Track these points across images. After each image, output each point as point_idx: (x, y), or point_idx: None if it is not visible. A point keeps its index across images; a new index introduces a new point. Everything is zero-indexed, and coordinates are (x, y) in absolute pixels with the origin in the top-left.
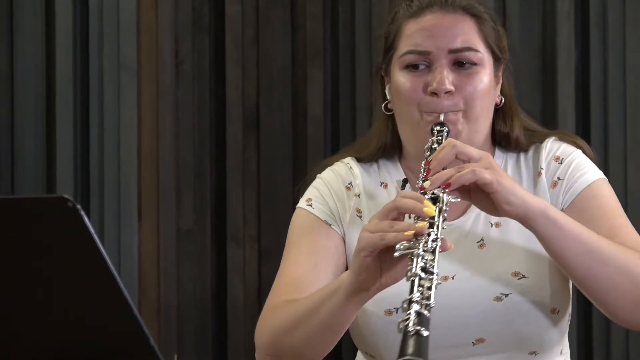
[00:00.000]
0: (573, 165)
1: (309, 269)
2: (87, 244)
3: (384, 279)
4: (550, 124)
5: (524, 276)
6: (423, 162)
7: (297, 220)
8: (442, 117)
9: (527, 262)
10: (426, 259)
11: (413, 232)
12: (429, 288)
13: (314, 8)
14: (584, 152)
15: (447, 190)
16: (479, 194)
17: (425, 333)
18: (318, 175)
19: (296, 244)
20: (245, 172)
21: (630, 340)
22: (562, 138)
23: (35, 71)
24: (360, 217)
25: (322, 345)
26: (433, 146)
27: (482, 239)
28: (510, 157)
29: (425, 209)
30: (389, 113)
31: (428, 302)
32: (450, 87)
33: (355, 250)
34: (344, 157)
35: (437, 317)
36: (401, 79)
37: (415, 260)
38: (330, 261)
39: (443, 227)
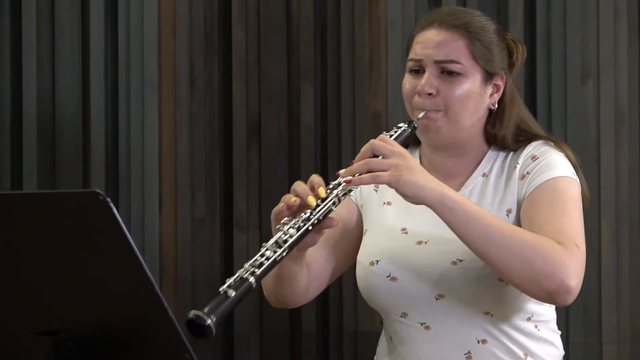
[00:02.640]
0: (544, 162)
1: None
2: (115, 230)
3: (301, 244)
4: None
5: None
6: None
7: None
8: (421, 114)
9: None
10: (287, 234)
11: (292, 204)
12: (267, 258)
13: (306, 34)
14: (566, 155)
15: (348, 184)
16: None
17: (232, 293)
18: None
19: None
20: (248, 171)
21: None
22: (548, 142)
23: (73, 86)
24: (376, 190)
25: (285, 290)
26: (381, 135)
27: None
28: (500, 156)
29: (309, 197)
30: None
31: (256, 270)
32: (430, 89)
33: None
34: None
35: (409, 274)
36: (405, 80)
37: (277, 233)
38: (343, 227)
39: (332, 209)
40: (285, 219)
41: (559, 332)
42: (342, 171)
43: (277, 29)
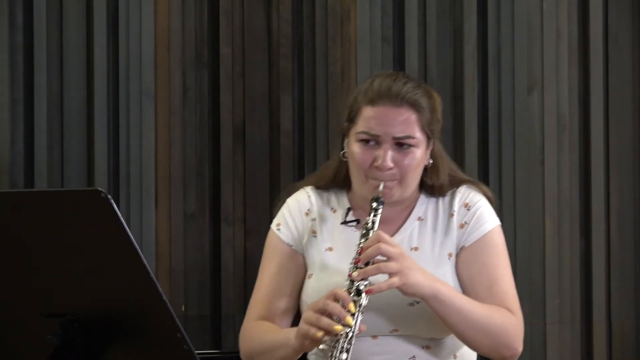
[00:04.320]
0: (477, 213)
1: (275, 288)
2: (116, 225)
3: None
4: (458, 139)
5: None
6: (357, 246)
7: (270, 240)
8: (382, 186)
9: None
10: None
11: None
12: None
13: (285, 50)
14: (487, 198)
15: (369, 293)
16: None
17: None
18: (287, 200)
19: (267, 264)
20: (234, 171)
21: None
22: (470, 186)
23: (79, 96)
24: (315, 236)
25: None
26: (367, 225)
27: None
28: (431, 201)
29: (347, 318)
30: (345, 159)
31: None
32: (391, 164)
33: (298, 329)
34: (306, 185)
35: (369, 311)
36: (356, 149)
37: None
38: (291, 279)
39: (360, 318)
40: (327, 343)
41: None
42: (354, 273)
43: (259, 45)
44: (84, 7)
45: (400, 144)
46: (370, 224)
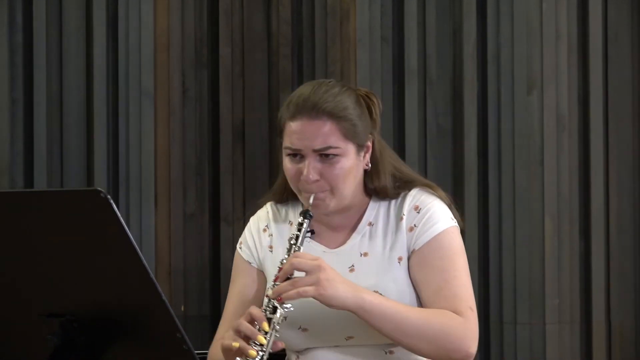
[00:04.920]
0: (427, 215)
1: (238, 307)
2: (115, 225)
3: None
4: (458, 139)
5: (379, 293)
6: (280, 262)
7: (235, 260)
8: (311, 199)
9: (382, 283)
10: None
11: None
12: None
13: (285, 50)
14: (441, 199)
15: (281, 302)
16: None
17: None
18: (250, 219)
19: (232, 284)
20: (234, 171)
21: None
22: (424, 188)
23: (79, 96)
24: (271, 251)
25: None
26: (291, 241)
27: (352, 265)
28: (383, 205)
29: (259, 337)
30: None
31: None
32: (315, 177)
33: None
34: (267, 201)
35: (319, 323)
36: (286, 163)
37: None
38: (254, 297)
39: (276, 336)
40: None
41: None
42: (269, 292)
43: (259, 45)
44: (84, 7)
45: (326, 155)
46: (294, 239)
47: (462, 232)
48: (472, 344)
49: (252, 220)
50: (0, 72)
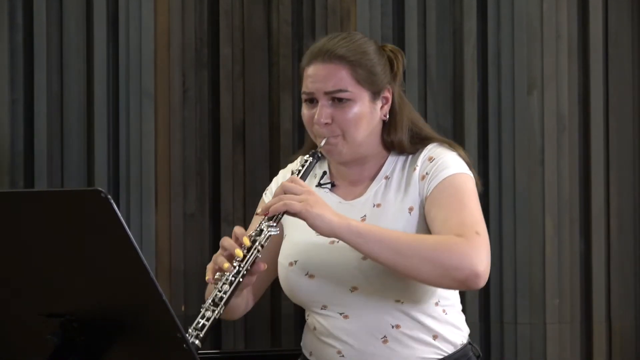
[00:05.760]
0: (439, 162)
1: None
2: (116, 225)
3: (239, 287)
4: (458, 139)
5: None
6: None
7: (259, 205)
8: (323, 142)
9: None
10: (222, 290)
11: (225, 264)
12: (208, 319)
13: (285, 50)
14: (458, 154)
15: (266, 216)
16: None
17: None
18: (280, 171)
19: (251, 226)
20: (234, 171)
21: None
22: (442, 144)
23: (79, 96)
24: None
25: (228, 316)
26: (292, 175)
27: (364, 215)
28: (400, 160)
29: (236, 250)
30: None
31: (199, 333)
32: (326, 119)
33: None
34: (301, 155)
35: (324, 270)
36: (303, 110)
37: (213, 291)
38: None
39: (258, 256)
40: (218, 274)
41: (463, 315)
42: (258, 210)
43: (259, 45)
44: (84, 7)
45: (339, 99)
46: (295, 173)
47: None
48: (477, 262)
49: (281, 171)
50: (0, 72)
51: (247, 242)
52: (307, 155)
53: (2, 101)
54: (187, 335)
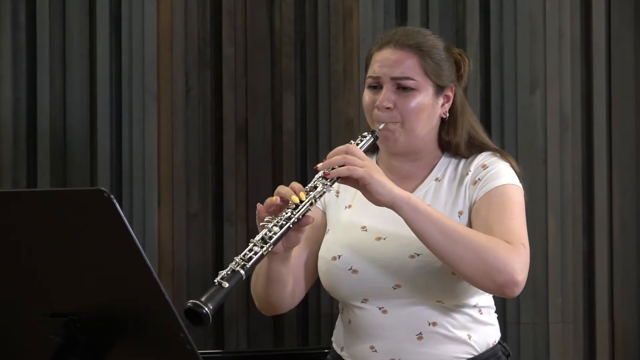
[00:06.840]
0: (493, 171)
1: None
2: (118, 224)
3: (286, 243)
4: None
5: None
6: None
7: None
8: (381, 126)
9: None
10: (272, 231)
11: (274, 203)
12: (255, 253)
13: (288, 49)
14: (511, 165)
15: (327, 177)
16: (361, 187)
17: (225, 285)
18: None
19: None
20: (237, 171)
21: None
22: (495, 153)
23: (82, 96)
24: (337, 195)
25: (274, 295)
26: (351, 145)
27: None
28: (453, 162)
29: (293, 196)
30: None
31: (246, 263)
32: (387, 104)
33: None
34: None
35: (369, 267)
36: (365, 95)
37: (262, 230)
38: (309, 231)
39: (309, 209)
40: (268, 217)
41: (497, 314)
42: (319, 165)
43: (262, 44)
44: (87, 6)
45: (403, 88)
46: (351, 143)
47: None
48: (518, 270)
49: None
50: (3, 71)
51: (303, 196)
52: (366, 132)
53: (5, 100)
54: (234, 263)
